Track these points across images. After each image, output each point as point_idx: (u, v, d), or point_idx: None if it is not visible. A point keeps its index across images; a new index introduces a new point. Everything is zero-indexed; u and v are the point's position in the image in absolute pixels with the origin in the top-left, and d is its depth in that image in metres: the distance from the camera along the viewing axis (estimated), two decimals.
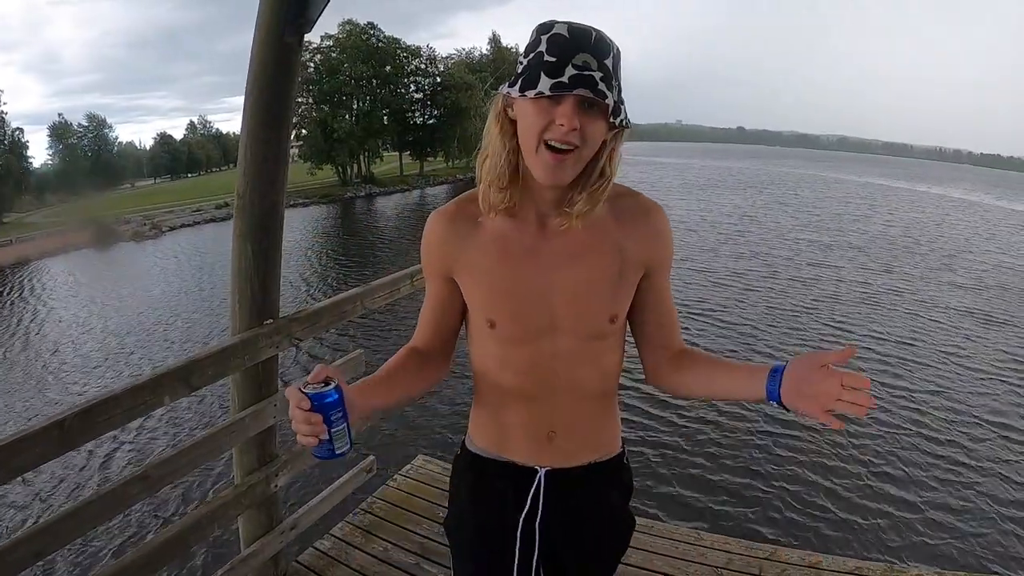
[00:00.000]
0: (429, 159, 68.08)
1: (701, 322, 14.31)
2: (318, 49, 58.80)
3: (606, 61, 1.04)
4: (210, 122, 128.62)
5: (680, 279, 17.96)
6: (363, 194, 56.76)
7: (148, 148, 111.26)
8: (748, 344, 12.95)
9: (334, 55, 58.92)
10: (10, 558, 1.68)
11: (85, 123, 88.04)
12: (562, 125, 1.03)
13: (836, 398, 0.98)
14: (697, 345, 10.06)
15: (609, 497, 1.39)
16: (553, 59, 1.02)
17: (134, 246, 41.72)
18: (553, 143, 1.06)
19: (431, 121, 65.66)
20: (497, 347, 1.27)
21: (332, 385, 1.00)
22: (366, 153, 61.36)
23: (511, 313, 1.23)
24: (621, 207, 1.24)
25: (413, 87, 65.54)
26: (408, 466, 3.53)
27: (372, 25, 60.84)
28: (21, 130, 65.08)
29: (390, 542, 2.92)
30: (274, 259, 2.38)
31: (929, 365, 11.89)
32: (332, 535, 3.00)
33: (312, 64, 58.33)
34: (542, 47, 1.03)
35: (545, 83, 1.01)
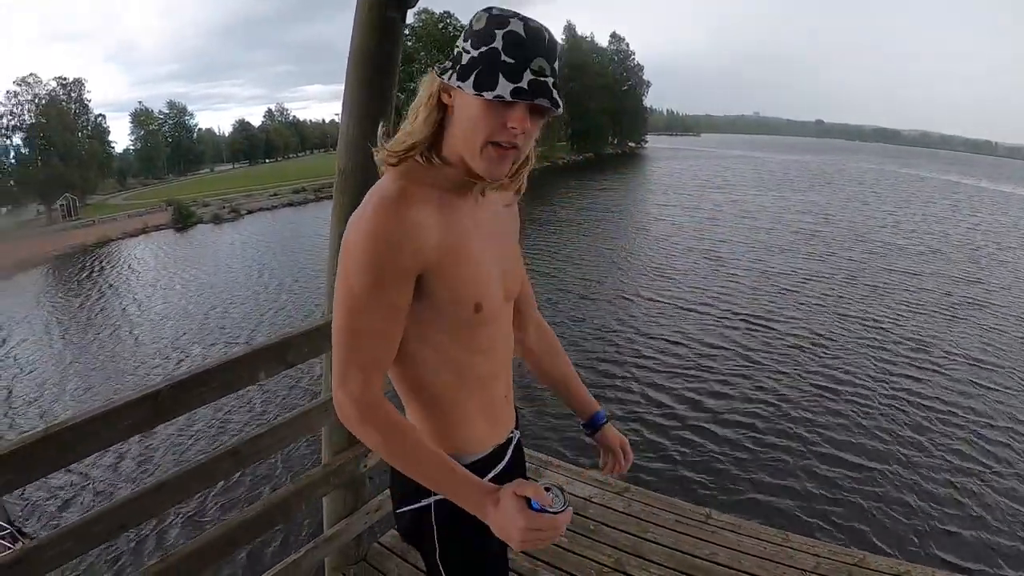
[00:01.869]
0: None
1: (762, 331, 13.25)
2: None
3: (555, 64, 1.00)
4: (287, 110, 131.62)
5: (749, 284, 17.01)
6: None
7: (227, 135, 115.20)
8: (816, 359, 11.71)
9: (409, 44, 58.89)
10: (95, 529, 1.63)
11: (165, 110, 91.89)
12: (514, 128, 0.99)
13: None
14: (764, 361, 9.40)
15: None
16: (511, 61, 0.96)
17: (213, 228, 43.41)
18: (502, 143, 1.01)
19: None
20: (473, 332, 1.13)
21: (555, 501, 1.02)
22: None
23: (492, 288, 1.14)
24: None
25: None
26: None
27: (448, 14, 60.57)
28: (103, 116, 67.69)
29: None
30: None
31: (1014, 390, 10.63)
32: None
33: None
34: (497, 43, 0.97)
35: (505, 87, 0.96)
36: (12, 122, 56.86)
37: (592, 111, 70.94)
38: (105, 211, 55.46)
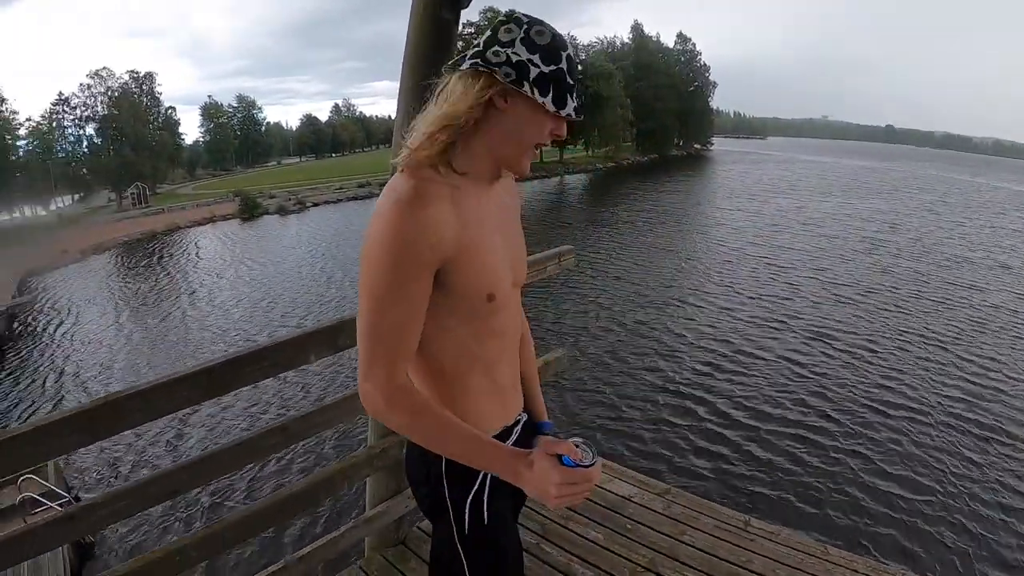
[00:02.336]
0: (569, 146, 66.77)
1: (818, 342, 12.74)
2: (460, 36, 59.58)
3: None
4: (354, 105, 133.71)
5: (809, 293, 16.47)
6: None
7: (294, 129, 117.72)
8: (872, 374, 11.13)
9: (474, 42, 59.44)
10: (149, 491, 1.74)
11: (234, 104, 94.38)
12: (559, 135, 1.14)
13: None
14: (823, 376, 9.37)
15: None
16: (572, 83, 1.10)
17: (278, 219, 44.40)
18: (541, 144, 1.15)
19: None
20: (489, 320, 1.19)
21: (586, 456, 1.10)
22: None
23: (503, 277, 1.20)
24: (505, 179, 1.27)
25: None
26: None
27: (513, 12, 60.57)
28: (173, 109, 69.57)
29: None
30: None
31: None
32: None
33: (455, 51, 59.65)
34: (563, 64, 1.08)
35: (571, 106, 1.11)
36: (86, 113, 59.57)
37: (658, 112, 70.05)
38: (174, 200, 57.53)
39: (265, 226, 41.22)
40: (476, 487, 1.22)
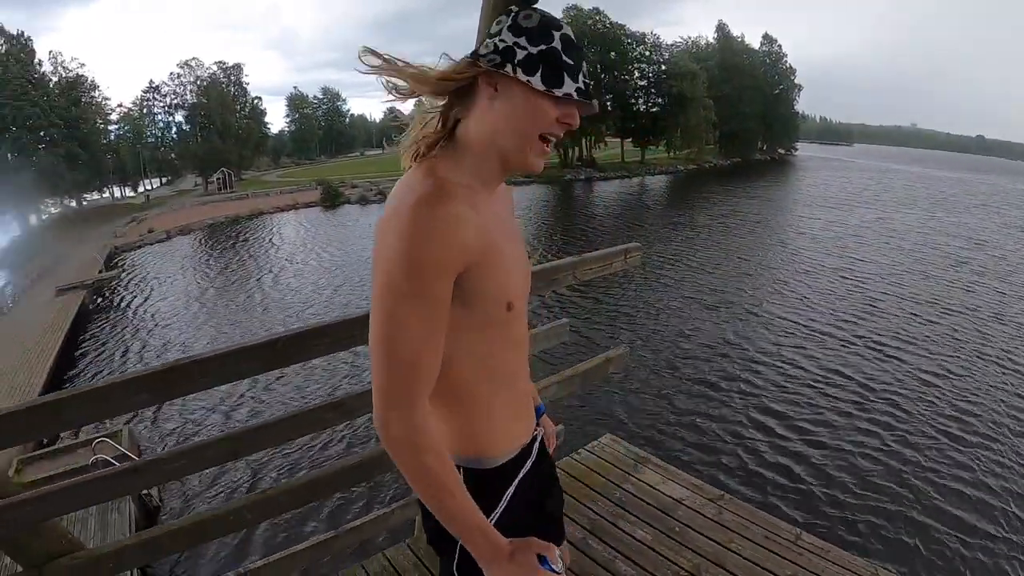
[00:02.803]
0: (651, 147, 65.58)
1: (890, 361, 11.91)
2: None
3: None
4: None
5: (885, 309, 15.64)
6: (583, 177, 56.20)
7: (378, 121, 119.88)
8: (945, 400, 10.35)
9: None
10: (207, 453, 1.86)
11: (320, 96, 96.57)
12: (569, 125, 1.03)
13: None
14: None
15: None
16: (571, 62, 1.00)
17: (359, 208, 45.10)
18: (549, 136, 1.03)
19: (654, 109, 63.13)
20: (506, 331, 1.11)
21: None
22: (588, 137, 60.57)
23: (520, 286, 1.13)
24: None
25: (637, 74, 63.22)
26: (595, 442, 3.35)
27: (597, 11, 59.58)
28: (260, 98, 71.28)
29: (564, 512, 2.74)
30: None
31: None
32: None
33: None
34: (556, 43, 0.99)
35: (570, 86, 0.99)
36: (175, 101, 62.29)
37: (742, 114, 67.84)
38: (258, 186, 59.57)
39: (346, 215, 41.96)
40: (494, 523, 1.13)
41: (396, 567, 2.43)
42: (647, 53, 63.09)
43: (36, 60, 49.95)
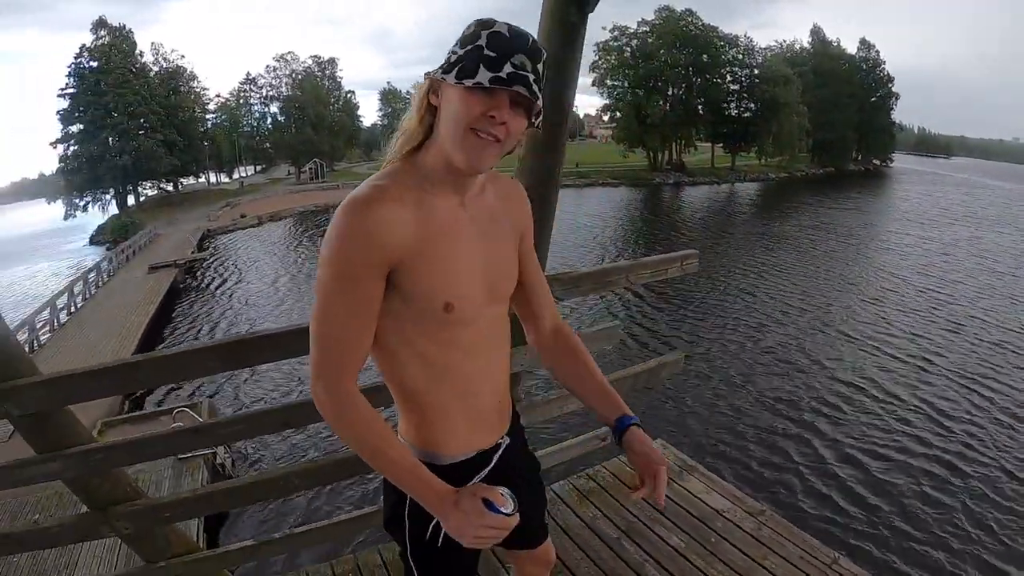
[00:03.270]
0: (741, 153, 63.51)
1: (970, 393, 11.08)
2: (634, 34, 57.79)
3: (539, 65, 1.05)
4: None
5: (969, 336, 14.52)
6: (671, 182, 55.23)
7: None
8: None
9: (650, 40, 57.22)
10: (263, 420, 2.04)
11: (412, 91, 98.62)
12: (493, 117, 1.02)
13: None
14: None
15: (522, 429, 1.47)
16: (493, 55, 1.01)
17: None
18: (481, 132, 1.03)
19: (746, 114, 61.19)
20: (449, 332, 1.15)
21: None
22: (678, 141, 59.49)
23: (466, 289, 1.14)
24: (499, 185, 1.26)
25: (729, 77, 61.46)
26: None
27: (689, 12, 58.19)
28: (353, 93, 73.18)
29: (600, 511, 2.81)
30: (545, 218, 2.27)
31: None
32: (551, 489, 2.99)
33: (628, 48, 57.70)
34: (481, 41, 1.02)
35: (484, 75, 0.99)
36: (271, 92, 64.99)
37: (836, 122, 64.71)
38: (349, 178, 61.44)
39: None
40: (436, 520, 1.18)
41: None
42: (740, 56, 61.22)
43: (138, 51, 53.19)
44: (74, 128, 49.89)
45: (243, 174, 69.70)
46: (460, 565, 1.30)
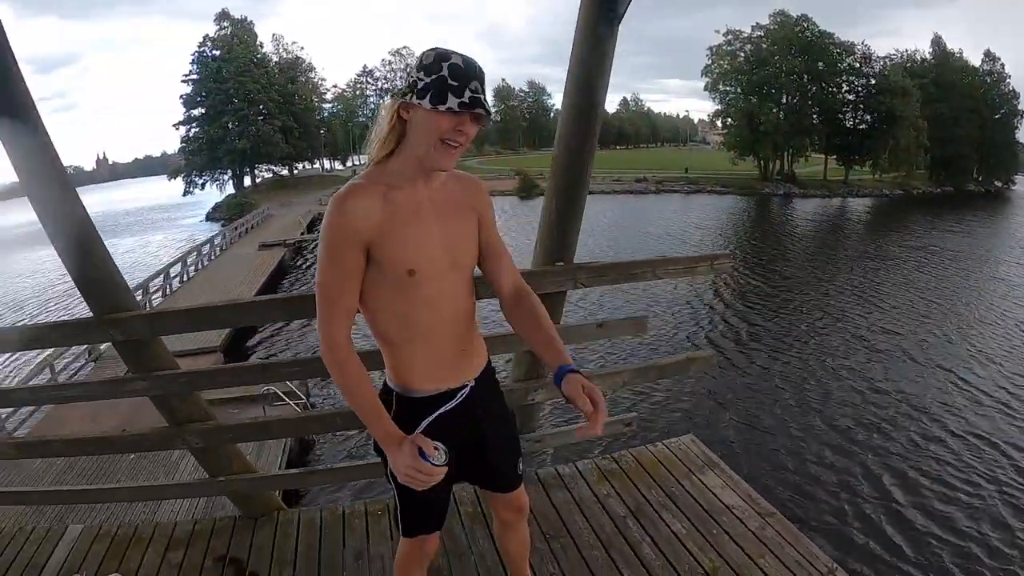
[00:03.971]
0: (855, 167, 59.90)
1: None
2: (748, 38, 56.07)
3: (484, 86, 1.38)
4: (641, 100, 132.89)
5: None
6: (781, 192, 53.20)
7: None
8: None
9: (764, 46, 55.31)
10: (317, 365, 2.25)
11: (526, 89, 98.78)
12: (461, 131, 1.37)
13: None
14: None
15: (498, 385, 1.81)
16: (455, 83, 1.32)
17: None
18: (449, 141, 1.37)
19: (861, 126, 57.88)
20: (415, 293, 1.47)
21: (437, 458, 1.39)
22: (790, 151, 57.10)
23: (428, 259, 1.46)
24: (459, 178, 1.60)
25: (845, 87, 58.28)
26: (676, 439, 3.47)
27: (805, 17, 55.67)
28: None
29: (614, 490, 2.98)
30: (574, 213, 2.52)
31: None
32: (574, 465, 3.21)
33: (742, 54, 56.06)
34: (444, 72, 1.33)
35: (453, 101, 1.32)
36: (385, 85, 67.82)
37: (957, 138, 59.37)
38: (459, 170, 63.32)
39: (538, 205, 43.02)
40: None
41: (455, 499, 2.84)
42: (857, 65, 57.85)
43: (258, 42, 56.65)
44: (196, 112, 54.19)
45: (356, 162, 72.81)
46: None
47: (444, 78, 1.33)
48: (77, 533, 2.91)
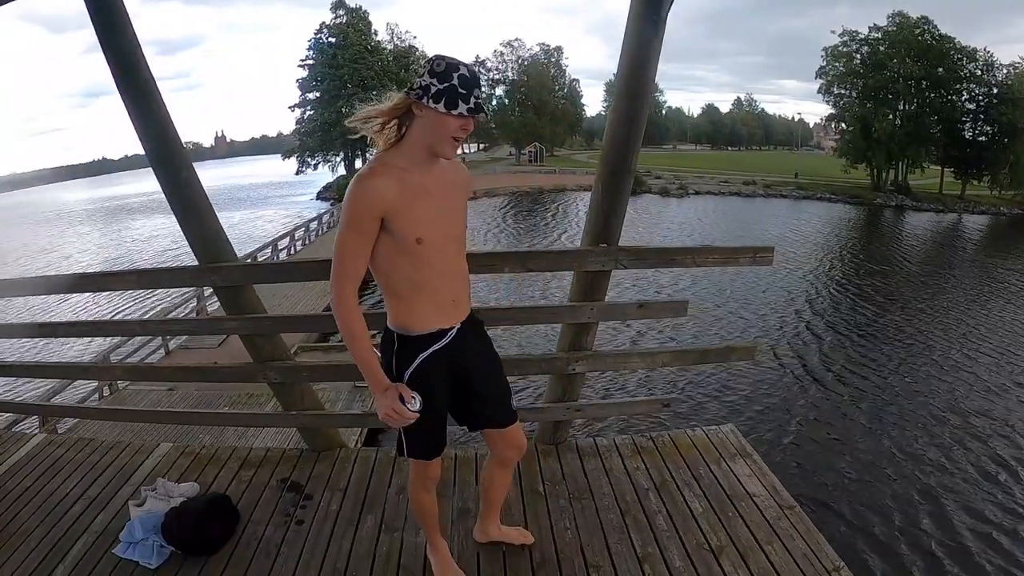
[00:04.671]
0: (973, 181, 53.41)
1: None
2: (865, 40, 51.38)
3: (483, 91, 1.74)
4: (756, 101, 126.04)
5: None
6: (892, 204, 48.79)
7: (695, 116, 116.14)
8: None
9: (881, 48, 50.46)
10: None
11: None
12: (465, 129, 1.68)
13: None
14: None
15: (484, 333, 2.11)
16: (464, 91, 1.63)
17: (659, 199, 44.98)
18: (455, 137, 1.68)
19: (981, 138, 51.59)
20: (421, 257, 1.77)
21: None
22: (904, 160, 52.15)
23: (432, 229, 1.76)
24: (455, 167, 1.90)
25: (966, 95, 51.86)
26: (715, 427, 3.51)
27: (925, 19, 50.05)
28: (578, 81, 73.51)
29: (644, 466, 3.09)
30: (619, 200, 2.64)
31: None
32: (613, 438, 3.35)
33: (858, 56, 51.65)
34: (455, 81, 1.62)
35: (462, 107, 1.63)
36: (497, 76, 68.14)
37: None
38: (567, 164, 62.86)
39: (644, 203, 42.30)
40: (411, 368, 1.87)
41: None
42: (978, 72, 51.23)
43: (373, 30, 57.90)
44: (311, 95, 56.31)
45: (466, 151, 74.06)
46: (428, 405, 1.88)
47: (455, 87, 1.63)
48: (166, 449, 3.42)
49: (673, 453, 3.23)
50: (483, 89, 1.77)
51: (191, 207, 2.58)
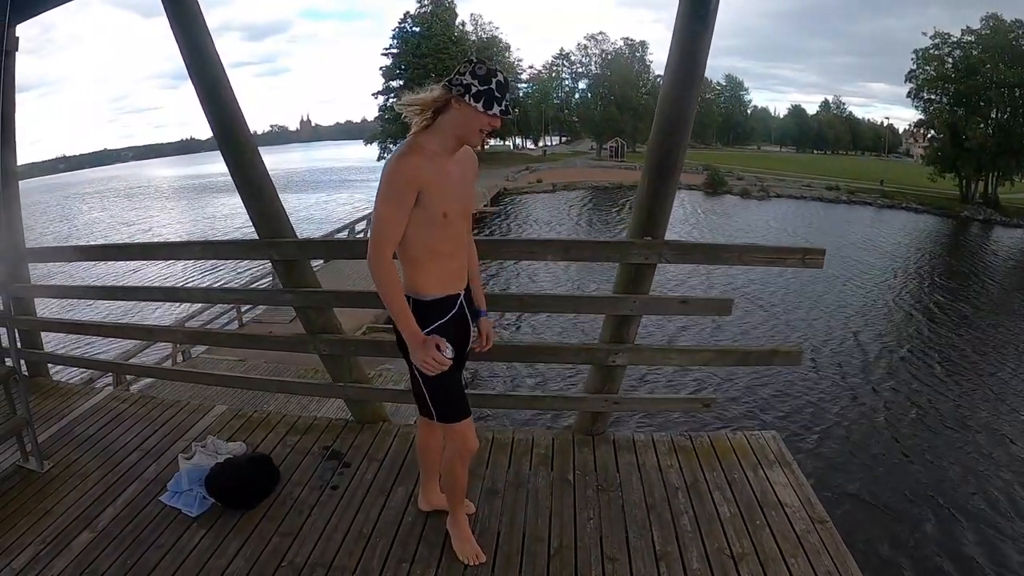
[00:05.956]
0: None
1: None
2: (957, 43, 47.05)
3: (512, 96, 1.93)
4: (844, 103, 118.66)
5: None
6: (980, 217, 43.81)
7: (781, 116, 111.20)
8: None
9: (974, 52, 46.04)
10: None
11: (722, 82, 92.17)
12: (493, 126, 1.87)
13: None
14: None
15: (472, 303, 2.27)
16: (499, 95, 1.84)
17: (739, 200, 43.33)
18: (484, 131, 1.89)
19: None
20: (445, 229, 1.97)
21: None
22: (995, 172, 47.46)
23: (455, 205, 1.97)
24: (467, 152, 2.07)
25: None
26: (756, 432, 3.37)
27: (1020, 23, 44.91)
28: (661, 77, 71.25)
29: (678, 465, 2.99)
30: (665, 193, 2.59)
31: None
32: (651, 434, 3.27)
33: (950, 60, 47.40)
34: (493, 86, 1.82)
35: (496, 109, 1.84)
36: (580, 70, 67.41)
37: None
38: (643, 160, 61.90)
39: (724, 204, 41.31)
40: (429, 329, 2.02)
41: (550, 441, 3.11)
42: None
43: (457, 21, 58.09)
44: (395, 83, 57.15)
45: (547, 143, 73.64)
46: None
47: (492, 91, 1.83)
48: (221, 411, 3.59)
49: (710, 455, 3.10)
50: (511, 102, 1.93)
51: (254, 186, 2.72)
